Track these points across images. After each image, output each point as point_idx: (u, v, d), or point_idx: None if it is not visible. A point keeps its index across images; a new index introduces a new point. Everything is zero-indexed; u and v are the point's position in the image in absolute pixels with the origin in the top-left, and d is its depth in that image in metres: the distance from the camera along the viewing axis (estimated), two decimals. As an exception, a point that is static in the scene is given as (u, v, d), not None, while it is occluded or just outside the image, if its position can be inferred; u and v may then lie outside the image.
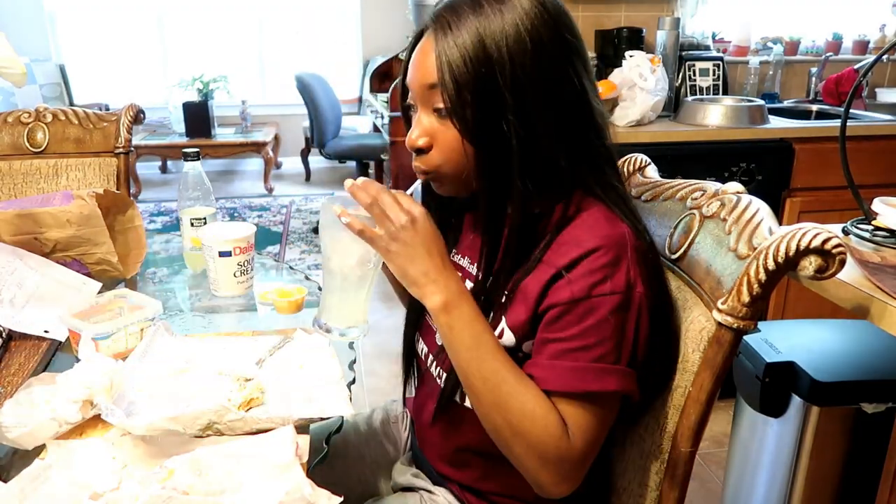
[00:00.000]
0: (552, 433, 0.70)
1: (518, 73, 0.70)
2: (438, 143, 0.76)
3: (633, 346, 0.72)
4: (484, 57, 0.70)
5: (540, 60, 0.71)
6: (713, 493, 1.81)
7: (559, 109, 0.72)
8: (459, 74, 0.70)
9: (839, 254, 0.65)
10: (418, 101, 0.77)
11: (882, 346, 1.33)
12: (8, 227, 1.10)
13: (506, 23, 0.70)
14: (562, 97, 0.72)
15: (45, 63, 4.77)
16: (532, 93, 0.71)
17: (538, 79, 0.71)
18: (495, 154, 0.73)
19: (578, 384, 0.70)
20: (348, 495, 0.68)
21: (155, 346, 0.93)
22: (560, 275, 0.71)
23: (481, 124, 0.72)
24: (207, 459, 0.68)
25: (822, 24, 2.80)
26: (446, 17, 0.72)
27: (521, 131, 0.71)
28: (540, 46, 0.71)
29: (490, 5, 0.71)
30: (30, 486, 0.66)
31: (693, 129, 2.05)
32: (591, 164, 0.76)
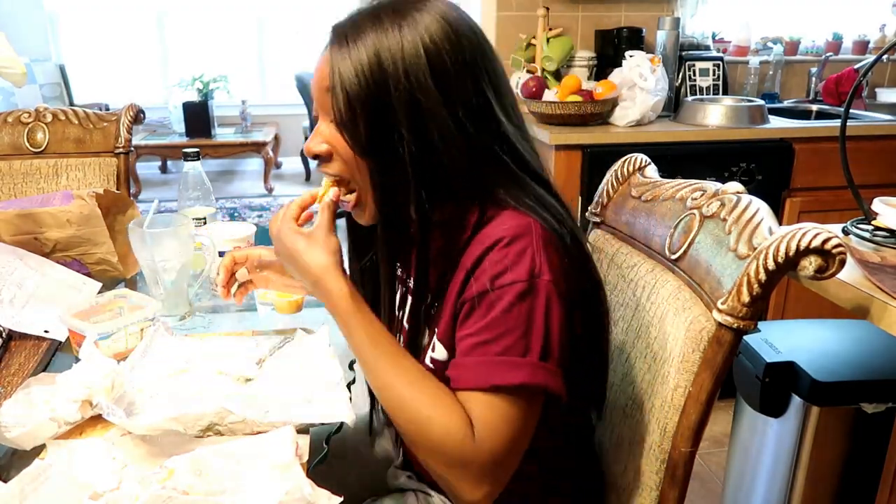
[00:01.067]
0: (453, 436, 0.68)
1: (413, 88, 0.69)
2: (337, 151, 0.76)
3: (544, 337, 0.69)
4: (378, 72, 0.69)
5: (437, 77, 0.69)
6: (713, 493, 1.81)
7: (459, 124, 0.71)
8: (350, 87, 0.70)
9: (839, 254, 0.65)
10: (318, 107, 0.76)
11: (882, 346, 1.33)
12: (8, 227, 1.10)
13: (404, 39, 0.69)
14: (463, 111, 0.71)
15: (45, 63, 4.76)
16: (428, 109, 0.69)
17: (435, 95, 0.69)
18: (388, 167, 0.72)
19: (484, 379, 0.68)
20: (348, 495, 0.68)
21: (155, 346, 0.93)
22: (469, 275, 0.71)
23: (373, 138, 0.71)
24: (207, 459, 0.68)
25: (822, 24, 2.80)
26: (345, 31, 0.72)
27: (415, 146, 0.70)
28: (438, 63, 0.70)
29: (390, 21, 0.70)
30: (30, 486, 0.66)
31: (693, 129, 2.05)
32: (500, 174, 0.74)
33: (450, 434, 0.68)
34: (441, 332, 0.76)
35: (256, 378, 0.88)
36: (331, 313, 0.76)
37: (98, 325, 0.91)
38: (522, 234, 0.69)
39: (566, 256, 0.72)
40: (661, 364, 0.81)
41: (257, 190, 5.01)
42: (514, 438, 0.69)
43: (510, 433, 0.69)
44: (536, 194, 0.74)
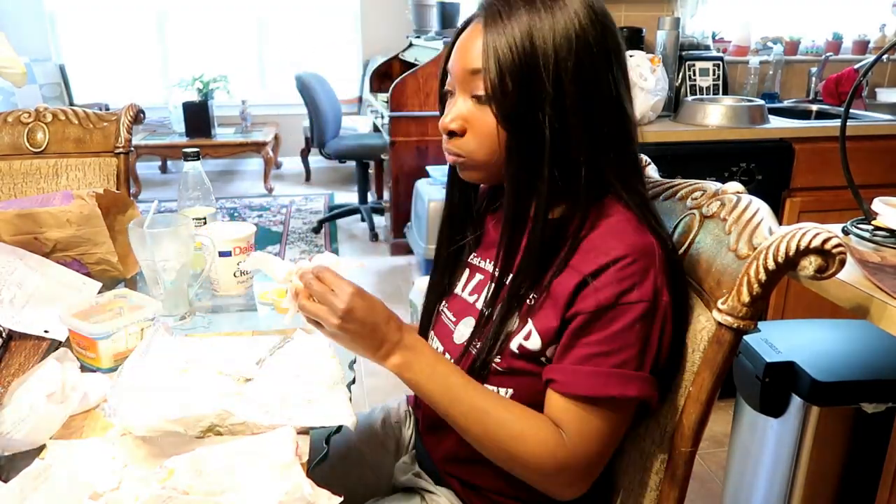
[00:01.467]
0: (546, 448, 0.72)
1: (561, 69, 0.71)
2: (473, 129, 0.78)
3: (656, 353, 0.73)
4: (531, 49, 0.71)
5: (583, 61, 0.72)
6: (713, 493, 1.81)
7: (594, 110, 0.74)
8: (504, 62, 0.72)
9: (839, 254, 0.65)
10: (458, 85, 0.78)
11: (882, 346, 1.33)
12: (8, 227, 1.10)
13: (556, 20, 0.72)
14: (598, 99, 0.74)
15: (45, 63, 4.76)
16: (572, 90, 0.72)
17: (579, 78, 0.72)
18: (528, 143, 0.74)
19: (600, 389, 0.71)
20: (348, 495, 0.68)
21: (155, 346, 0.93)
22: (587, 282, 0.72)
23: (519, 113, 0.73)
24: (207, 459, 0.68)
25: (822, 24, 2.80)
26: (498, 7, 0.74)
27: (556, 125, 0.72)
28: (585, 48, 0.72)
29: (543, 1, 0.73)
30: (30, 485, 0.66)
31: (693, 128, 2.05)
32: (619, 168, 0.77)
33: (542, 447, 0.73)
34: (541, 325, 0.77)
35: (256, 378, 0.88)
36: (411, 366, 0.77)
37: (98, 325, 0.91)
38: (646, 254, 0.72)
39: (676, 273, 0.75)
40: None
41: (257, 190, 5.00)
42: (608, 444, 0.74)
43: (607, 440, 0.74)
44: (644, 198, 0.77)
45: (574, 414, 0.73)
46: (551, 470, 0.73)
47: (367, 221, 3.98)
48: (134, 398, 0.81)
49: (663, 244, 0.74)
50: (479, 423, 0.75)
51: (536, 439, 0.73)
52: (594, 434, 0.73)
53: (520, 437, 0.73)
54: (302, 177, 5.40)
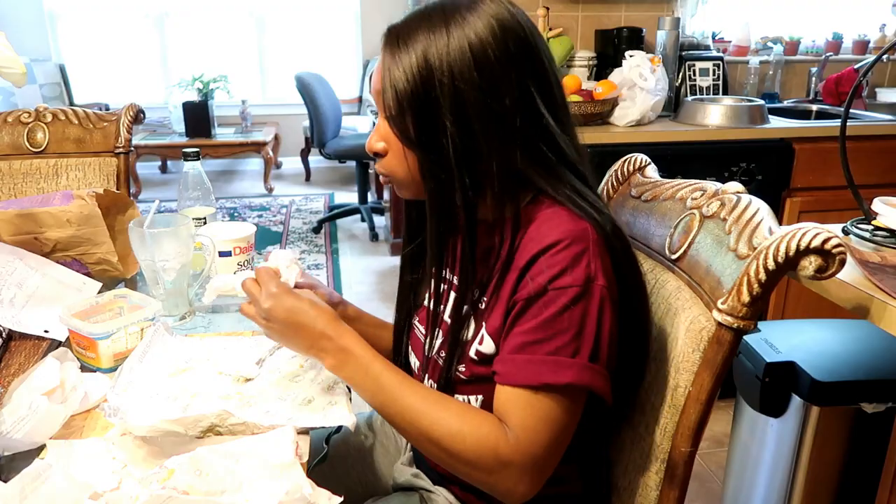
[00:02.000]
0: (486, 444, 0.71)
1: (459, 87, 0.72)
2: (391, 148, 0.79)
3: (594, 340, 0.71)
4: (426, 70, 0.72)
5: (481, 71, 0.72)
6: (713, 493, 1.81)
7: (503, 122, 0.73)
8: (397, 83, 0.73)
9: (839, 254, 0.65)
10: (377, 106, 0.80)
11: (882, 346, 1.33)
12: (8, 226, 1.10)
13: (451, 37, 0.72)
14: (504, 109, 0.73)
15: (45, 63, 4.77)
16: (471, 102, 0.72)
17: (479, 93, 0.72)
18: (435, 160, 0.74)
19: (534, 377, 0.70)
20: (348, 495, 0.69)
21: (155, 346, 0.93)
22: (523, 274, 0.72)
23: (420, 133, 0.74)
24: (207, 459, 0.68)
25: (822, 24, 2.80)
26: (397, 31, 0.76)
27: (459, 141, 0.72)
28: (482, 59, 0.72)
29: (439, 21, 0.73)
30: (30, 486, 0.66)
31: (693, 128, 2.05)
32: (542, 168, 0.76)
33: (482, 444, 0.71)
34: (491, 327, 0.77)
35: (256, 378, 0.88)
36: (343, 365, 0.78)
37: (98, 325, 0.91)
38: (578, 238, 0.71)
39: (617, 261, 0.74)
40: (660, 364, 0.81)
41: (257, 190, 5.01)
42: (555, 438, 0.71)
43: (551, 433, 0.71)
44: (580, 191, 0.76)
45: (514, 405, 0.71)
46: (495, 466, 0.71)
47: (367, 221, 3.98)
48: (134, 398, 0.81)
49: (599, 229, 0.73)
50: (414, 422, 0.74)
51: (476, 436, 0.71)
52: (537, 426, 0.70)
53: (458, 434, 0.72)
54: (302, 177, 5.40)
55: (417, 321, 0.93)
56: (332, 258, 3.66)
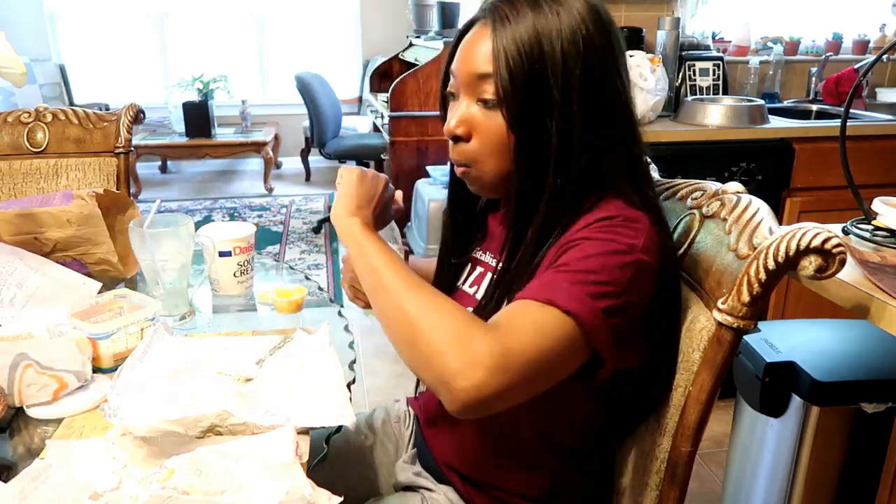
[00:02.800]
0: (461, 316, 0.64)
1: (568, 73, 0.71)
2: (480, 133, 0.77)
3: (617, 299, 0.66)
4: (539, 53, 0.71)
5: (590, 64, 0.72)
6: (713, 493, 1.81)
7: (601, 113, 0.73)
8: (515, 67, 0.72)
9: (839, 253, 0.65)
10: (462, 89, 0.78)
11: (882, 346, 1.33)
12: (8, 227, 1.10)
13: (562, 23, 0.72)
14: (605, 102, 0.74)
15: (45, 63, 4.77)
16: (579, 94, 0.72)
17: (586, 81, 0.72)
18: (536, 149, 0.73)
19: (542, 293, 0.65)
20: (348, 495, 0.68)
21: (155, 346, 0.93)
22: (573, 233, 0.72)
23: (528, 118, 0.73)
24: (207, 459, 0.68)
25: (822, 24, 2.80)
26: (504, 10, 0.73)
27: (564, 128, 0.72)
28: (591, 51, 0.72)
29: (548, 4, 0.72)
30: (30, 486, 0.66)
31: (693, 128, 2.05)
32: (626, 171, 0.76)
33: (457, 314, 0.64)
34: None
35: (256, 378, 0.88)
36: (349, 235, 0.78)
37: (98, 325, 0.91)
38: (631, 218, 0.71)
39: (662, 257, 0.72)
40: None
41: (257, 190, 5.00)
42: (534, 351, 0.62)
43: (533, 344, 0.62)
44: (652, 194, 0.77)
45: (511, 308, 0.67)
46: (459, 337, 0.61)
47: (367, 221, 3.97)
48: (134, 398, 0.81)
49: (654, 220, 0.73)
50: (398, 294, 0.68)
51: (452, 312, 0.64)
52: (523, 327, 0.63)
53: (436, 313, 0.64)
54: (302, 177, 5.40)
55: None
56: (332, 258, 3.66)
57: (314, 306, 1.15)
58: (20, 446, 0.78)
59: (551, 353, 0.64)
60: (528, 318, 0.64)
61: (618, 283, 0.67)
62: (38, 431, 0.80)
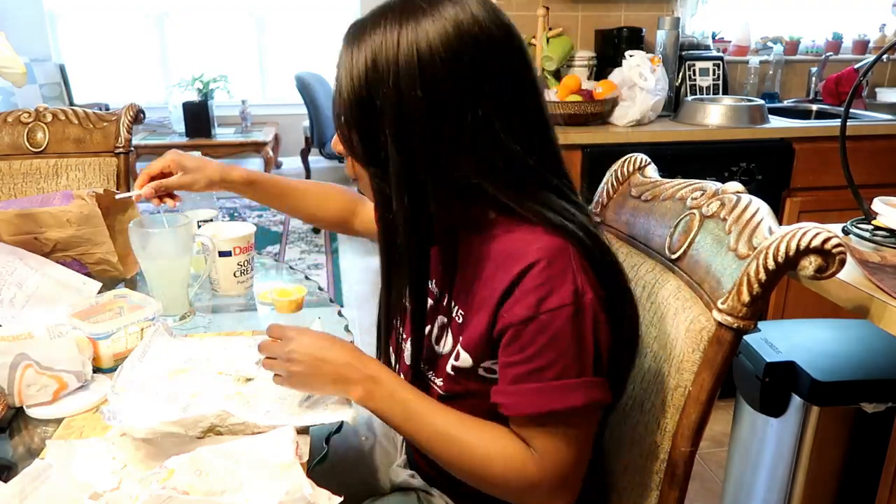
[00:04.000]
0: (514, 465, 0.71)
1: (401, 94, 0.66)
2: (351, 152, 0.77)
3: (594, 354, 0.69)
4: (373, 75, 0.68)
5: (428, 90, 0.66)
6: (713, 493, 1.81)
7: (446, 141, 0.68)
8: (343, 89, 0.70)
9: (839, 253, 0.65)
10: None
11: (882, 346, 1.33)
12: (8, 227, 1.10)
13: (400, 41, 0.66)
14: (452, 130, 0.68)
15: (45, 63, 4.76)
16: (414, 122, 0.67)
17: (423, 108, 0.67)
18: (379, 175, 0.72)
19: (544, 405, 0.69)
20: (348, 495, 0.68)
21: (155, 346, 0.92)
22: (507, 295, 0.70)
23: (363, 144, 0.72)
24: (207, 459, 0.68)
25: (822, 23, 2.80)
26: (354, 31, 0.71)
27: (398, 157, 0.69)
28: (431, 75, 0.66)
29: (392, 21, 0.68)
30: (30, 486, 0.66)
31: (693, 128, 2.05)
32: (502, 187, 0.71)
33: (509, 467, 0.71)
34: (467, 342, 0.76)
35: (256, 378, 0.88)
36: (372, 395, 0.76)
37: (98, 325, 0.91)
38: (559, 255, 0.68)
39: (598, 269, 0.71)
40: (661, 364, 0.81)
41: (257, 190, 5.00)
42: (576, 452, 0.72)
43: (573, 450, 0.71)
44: (547, 201, 0.72)
45: (532, 431, 0.72)
46: (526, 486, 0.72)
47: (367, 221, 3.98)
48: (133, 399, 0.81)
49: (575, 241, 0.70)
50: (445, 448, 0.74)
51: (504, 458, 0.72)
52: (558, 446, 0.71)
53: (486, 458, 0.72)
54: (302, 177, 5.39)
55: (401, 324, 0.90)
56: (332, 258, 3.66)
57: (314, 306, 1.15)
58: (20, 446, 0.78)
59: (585, 439, 0.73)
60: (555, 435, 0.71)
61: (588, 344, 0.69)
62: (38, 431, 0.80)
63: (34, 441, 0.79)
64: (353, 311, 2.91)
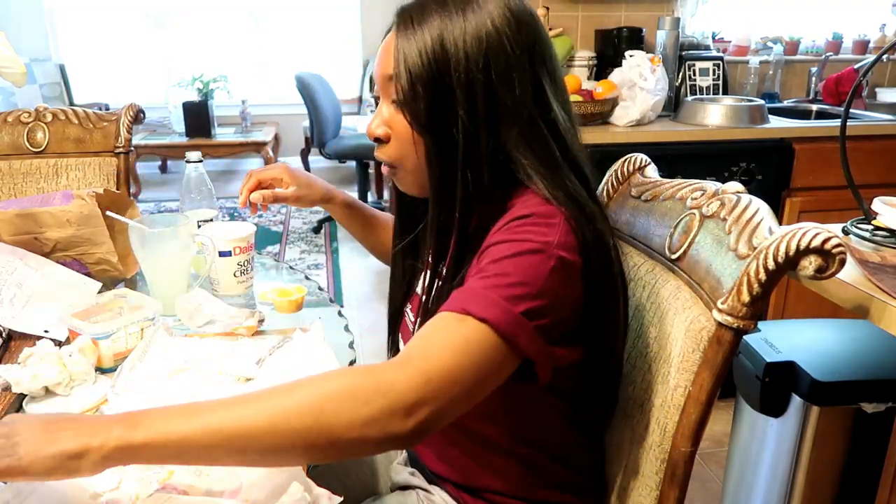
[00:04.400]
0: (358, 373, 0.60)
1: (472, 72, 0.71)
2: (395, 134, 0.78)
3: (536, 299, 0.65)
4: (441, 53, 0.71)
5: (496, 63, 0.71)
6: (713, 493, 1.81)
7: (509, 111, 0.73)
8: (413, 66, 0.72)
9: (839, 253, 0.65)
10: (381, 91, 0.79)
11: (882, 346, 1.33)
12: (8, 226, 1.10)
13: (468, 23, 0.71)
14: (513, 100, 0.73)
15: (45, 63, 4.77)
16: (483, 92, 0.71)
17: (491, 80, 0.71)
18: (444, 148, 0.74)
19: (458, 304, 0.64)
20: (348, 495, 0.68)
21: (155, 346, 0.93)
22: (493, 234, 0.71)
23: (431, 118, 0.73)
24: (207, 459, 0.68)
25: (822, 24, 2.80)
26: (410, 13, 0.74)
27: (468, 130, 0.72)
28: (499, 50, 0.72)
29: (456, 6, 0.72)
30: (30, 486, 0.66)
31: (693, 128, 2.05)
32: (544, 167, 0.74)
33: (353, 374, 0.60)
34: None
35: (256, 378, 0.88)
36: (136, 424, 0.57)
37: (98, 325, 0.91)
38: (548, 215, 0.70)
39: (584, 252, 0.71)
40: (660, 364, 0.81)
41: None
42: (454, 373, 0.60)
43: (452, 362, 0.61)
44: (573, 188, 0.74)
45: (427, 327, 0.64)
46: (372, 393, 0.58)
47: (367, 221, 3.98)
48: (134, 399, 0.81)
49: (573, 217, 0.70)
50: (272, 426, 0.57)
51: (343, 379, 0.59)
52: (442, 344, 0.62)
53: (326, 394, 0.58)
54: (302, 177, 5.39)
55: (410, 309, 0.92)
56: (332, 258, 3.66)
57: (314, 306, 1.15)
58: (20, 446, 0.78)
59: (475, 367, 0.62)
60: (446, 334, 0.63)
61: (534, 284, 0.66)
62: (38, 431, 0.80)
63: (34, 441, 0.78)
64: (353, 311, 2.91)
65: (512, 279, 0.66)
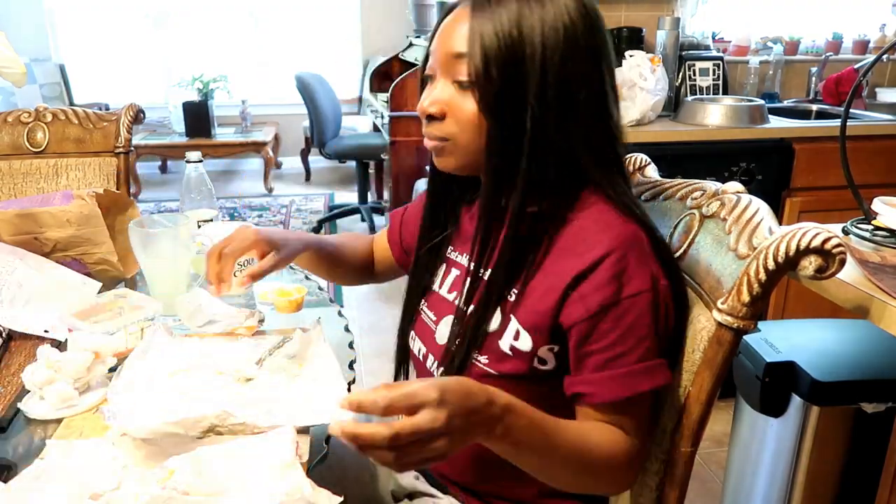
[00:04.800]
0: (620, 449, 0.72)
1: (547, 61, 0.71)
2: (454, 114, 0.76)
3: (666, 337, 0.73)
4: (518, 37, 0.71)
5: (570, 55, 0.72)
6: (713, 493, 1.81)
7: (578, 105, 0.73)
8: (490, 48, 0.71)
9: (839, 253, 0.65)
10: (440, 68, 0.77)
11: (882, 346, 1.33)
12: (8, 226, 1.10)
13: (545, 11, 0.71)
14: (582, 95, 0.73)
15: (45, 63, 4.76)
16: (556, 83, 0.71)
17: (564, 72, 0.71)
18: (509, 134, 0.73)
19: (631, 389, 0.71)
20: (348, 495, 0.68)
21: (155, 346, 0.92)
22: (579, 281, 0.71)
23: (501, 102, 0.72)
24: (207, 459, 0.68)
25: (822, 24, 2.80)
26: None
27: (539, 116, 0.72)
28: (573, 43, 0.72)
29: None
30: (30, 486, 0.66)
31: (693, 128, 2.05)
32: (601, 163, 0.76)
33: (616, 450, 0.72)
34: (527, 323, 0.75)
35: (256, 378, 0.88)
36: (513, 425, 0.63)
37: (98, 325, 0.91)
38: (634, 242, 0.72)
39: (669, 261, 0.75)
40: (661, 364, 0.80)
41: (257, 190, 5.00)
42: (647, 430, 0.76)
43: (645, 428, 0.75)
44: (630, 196, 0.76)
45: (620, 415, 0.72)
46: (625, 464, 0.73)
47: (367, 221, 3.98)
48: (133, 398, 0.81)
49: (649, 231, 0.74)
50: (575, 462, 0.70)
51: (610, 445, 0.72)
52: (641, 425, 0.74)
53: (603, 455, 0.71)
54: (302, 177, 5.40)
55: (426, 305, 0.91)
56: (332, 258, 3.65)
57: (314, 306, 1.15)
58: (20, 446, 0.78)
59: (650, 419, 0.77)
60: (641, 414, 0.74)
61: (661, 327, 0.73)
62: (38, 431, 0.80)
63: (34, 441, 0.79)
64: (353, 311, 2.91)
65: (650, 339, 0.71)
